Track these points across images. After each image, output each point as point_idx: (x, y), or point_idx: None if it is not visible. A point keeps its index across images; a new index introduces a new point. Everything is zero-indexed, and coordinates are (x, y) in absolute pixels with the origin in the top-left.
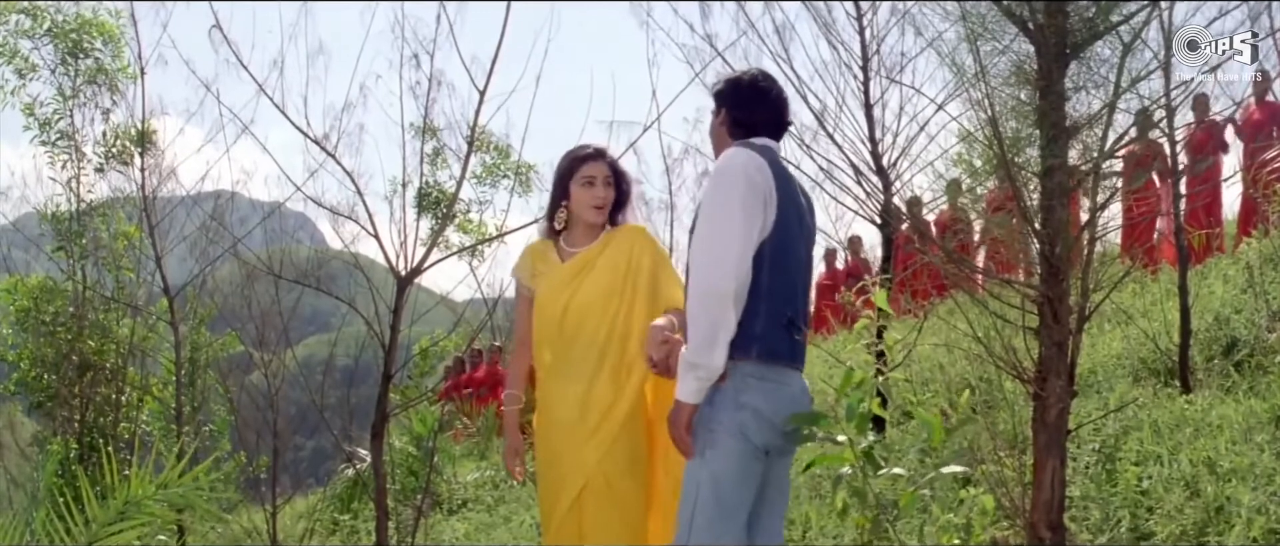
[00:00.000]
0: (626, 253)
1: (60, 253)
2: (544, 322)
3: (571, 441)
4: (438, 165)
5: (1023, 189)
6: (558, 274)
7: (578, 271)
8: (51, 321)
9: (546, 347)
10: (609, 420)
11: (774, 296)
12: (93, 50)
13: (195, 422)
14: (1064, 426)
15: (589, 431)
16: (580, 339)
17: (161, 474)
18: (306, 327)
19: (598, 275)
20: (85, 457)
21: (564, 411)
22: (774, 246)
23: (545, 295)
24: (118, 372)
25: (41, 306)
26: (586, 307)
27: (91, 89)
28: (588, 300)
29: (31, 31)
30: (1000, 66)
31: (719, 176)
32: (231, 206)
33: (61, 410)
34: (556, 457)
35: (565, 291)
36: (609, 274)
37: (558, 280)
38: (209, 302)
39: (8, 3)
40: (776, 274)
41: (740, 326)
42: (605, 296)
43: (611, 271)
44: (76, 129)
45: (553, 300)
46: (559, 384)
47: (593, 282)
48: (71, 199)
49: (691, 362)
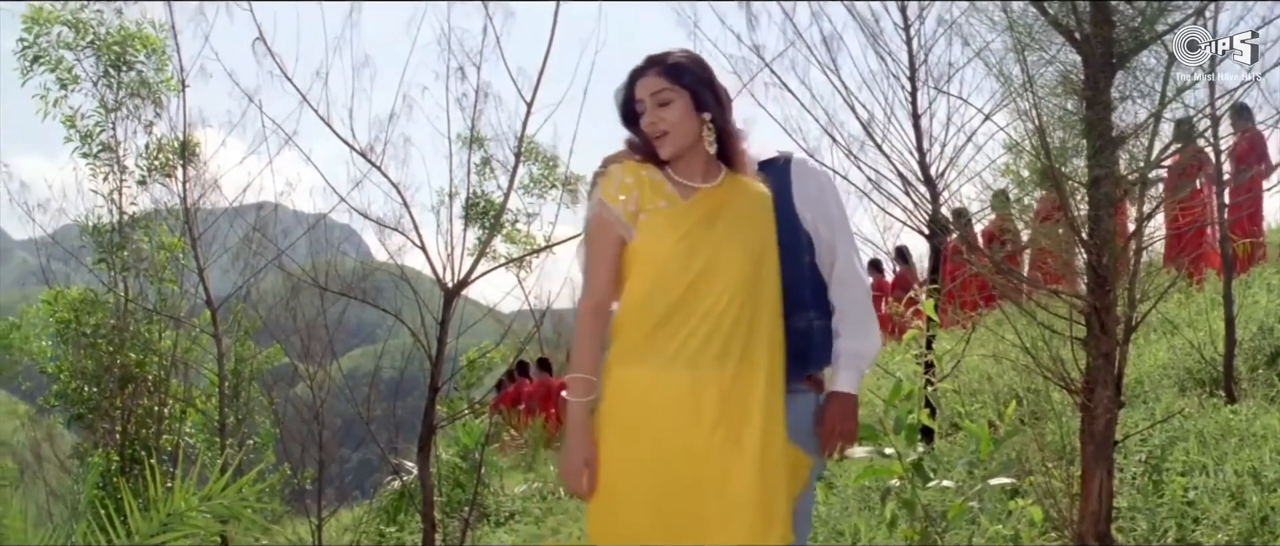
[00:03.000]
0: (760, 207)
1: (101, 265)
2: (662, 283)
3: (696, 447)
4: (485, 176)
5: (1070, 199)
6: (685, 216)
7: (710, 215)
8: (92, 333)
9: (650, 318)
10: (749, 416)
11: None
12: (136, 63)
13: (239, 435)
14: (1111, 437)
15: (727, 431)
16: (711, 310)
17: (205, 486)
18: (351, 340)
19: (739, 224)
20: (127, 470)
21: (671, 409)
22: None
23: (671, 245)
24: (160, 385)
25: (82, 319)
26: (728, 268)
27: (134, 101)
28: (732, 257)
29: (74, 43)
30: (1047, 76)
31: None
32: (275, 218)
33: (102, 422)
34: (665, 464)
35: (697, 244)
36: (751, 234)
37: (686, 224)
38: (253, 315)
39: (51, 6)
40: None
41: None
42: (746, 260)
43: (753, 230)
44: (118, 141)
45: (685, 252)
46: (663, 370)
47: (736, 233)
48: (113, 211)
49: (861, 352)
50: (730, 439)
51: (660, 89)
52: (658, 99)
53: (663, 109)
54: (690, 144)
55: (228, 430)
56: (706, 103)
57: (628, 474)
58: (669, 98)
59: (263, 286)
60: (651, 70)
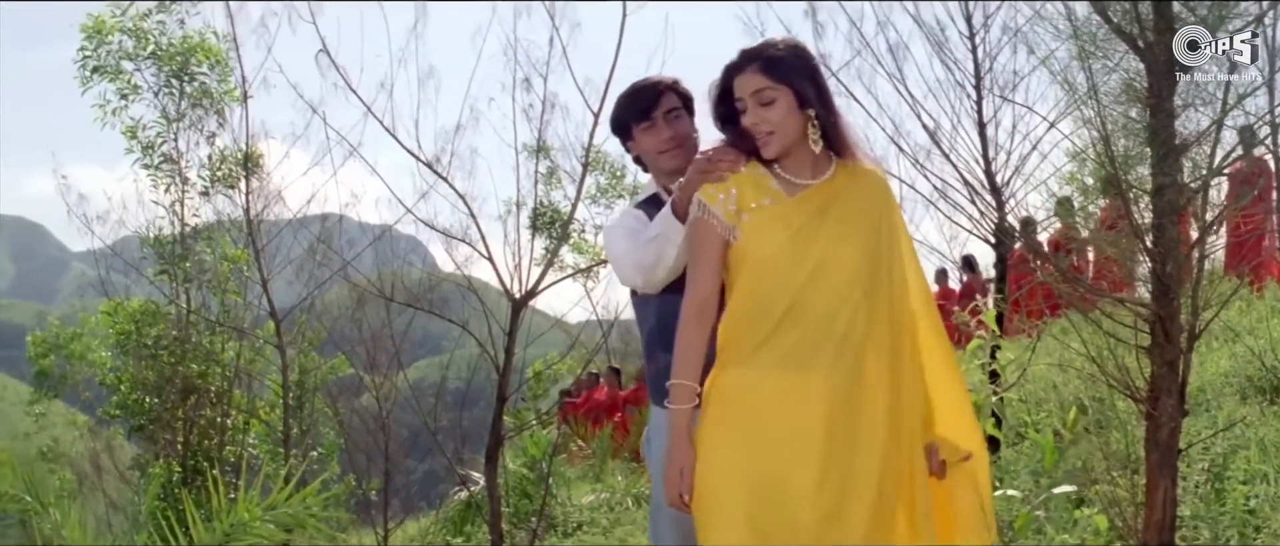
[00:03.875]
0: (880, 202)
1: (163, 276)
2: (770, 285)
3: (796, 454)
4: (552, 186)
5: (1134, 207)
6: (792, 215)
7: (819, 212)
8: (154, 345)
9: (761, 321)
10: (868, 430)
11: None
12: (198, 73)
13: (303, 446)
14: (1175, 446)
15: (836, 450)
16: (823, 312)
17: (269, 496)
18: (417, 351)
19: (853, 226)
20: (189, 481)
21: (778, 410)
22: None
23: (778, 245)
24: (223, 396)
25: (143, 330)
26: (840, 268)
27: (196, 112)
28: (844, 257)
29: (134, 54)
30: (1111, 84)
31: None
32: (340, 229)
33: (164, 433)
34: (761, 472)
35: (808, 242)
36: (866, 227)
37: (795, 222)
38: (317, 326)
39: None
40: None
41: None
42: (861, 258)
43: (868, 223)
44: (180, 152)
45: (788, 253)
46: (772, 371)
47: (850, 237)
48: (175, 223)
49: None
50: (838, 464)
51: (762, 87)
52: (760, 98)
53: (766, 108)
54: (796, 142)
55: (292, 441)
56: (809, 98)
57: (724, 481)
58: (772, 96)
59: (327, 298)
60: (750, 66)
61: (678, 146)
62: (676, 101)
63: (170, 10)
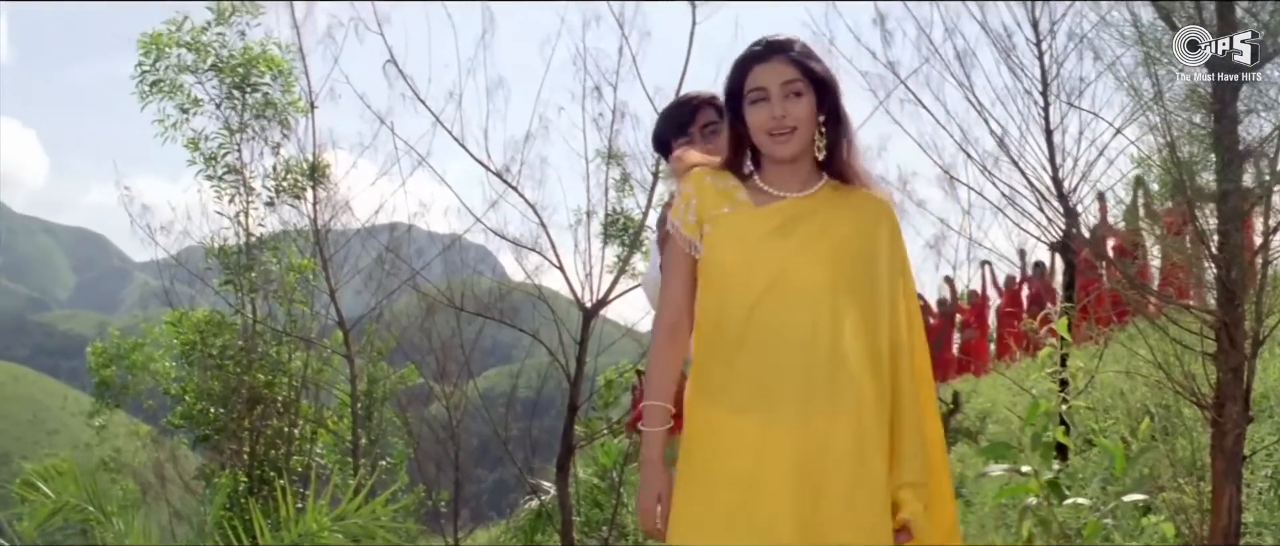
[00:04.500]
0: (870, 224)
1: (228, 286)
2: (726, 300)
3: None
4: (623, 193)
5: (1199, 212)
6: (754, 224)
7: (790, 228)
8: (219, 355)
9: (720, 344)
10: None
11: None
12: (261, 84)
13: (372, 456)
14: (1240, 452)
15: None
16: (788, 342)
17: (338, 507)
18: (487, 360)
19: (827, 242)
20: (255, 491)
21: (738, 458)
22: None
23: (734, 255)
24: (290, 406)
25: (208, 340)
26: (803, 286)
27: (260, 123)
28: (808, 277)
29: (195, 67)
30: (1175, 89)
31: None
32: (408, 239)
33: (229, 443)
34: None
35: (771, 256)
36: (843, 245)
37: (755, 235)
38: (386, 335)
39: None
40: None
41: None
42: (835, 279)
43: (848, 243)
44: (244, 163)
45: (748, 266)
46: (732, 413)
47: (819, 252)
48: (239, 233)
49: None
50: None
51: (793, 78)
52: (790, 88)
53: (793, 101)
54: (804, 150)
55: (360, 451)
56: (829, 103)
57: (695, 522)
58: (800, 89)
59: (396, 307)
60: (778, 56)
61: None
62: (714, 116)
63: (230, 23)
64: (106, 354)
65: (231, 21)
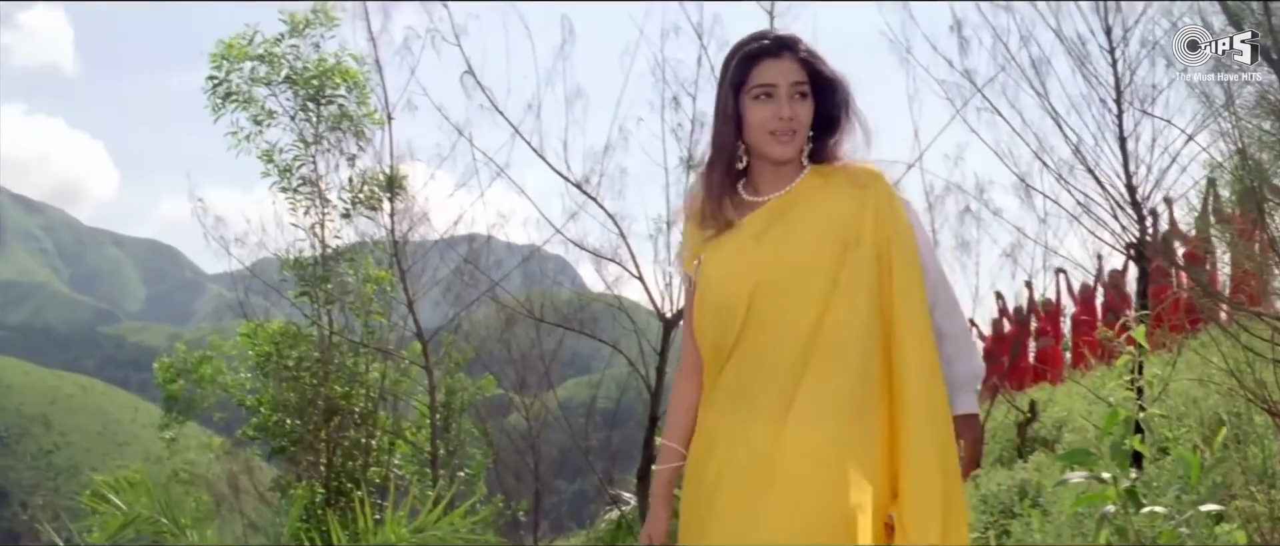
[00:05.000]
0: (850, 201)
1: (304, 298)
2: (713, 316)
3: (746, 513)
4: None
5: (1269, 219)
6: (737, 236)
7: (765, 230)
8: (295, 366)
9: (715, 358)
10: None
11: None
12: (336, 96)
13: (450, 467)
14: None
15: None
16: (769, 342)
17: (417, 518)
18: (566, 370)
19: (800, 233)
20: (332, 502)
21: (735, 466)
22: None
23: (715, 271)
24: (368, 417)
25: (284, 352)
26: (783, 286)
27: (335, 135)
28: (785, 274)
29: (268, 78)
30: (1245, 96)
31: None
32: (487, 250)
33: (306, 455)
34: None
35: (748, 262)
36: (818, 232)
37: (733, 246)
38: (464, 346)
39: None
40: None
41: None
42: (811, 269)
43: (823, 227)
44: (319, 175)
45: (728, 277)
46: (731, 418)
47: (793, 246)
48: (315, 245)
49: (974, 374)
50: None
51: (801, 79)
52: (798, 89)
53: (799, 101)
54: (800, 151)
55: (439, 462)
56: (839, 101)
57: (686, 525)
58: (806, 92)
59: (475, 318)
60: (788, 53)
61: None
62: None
63: (304, 35)
64: (173, 368)
65: (305, 34)
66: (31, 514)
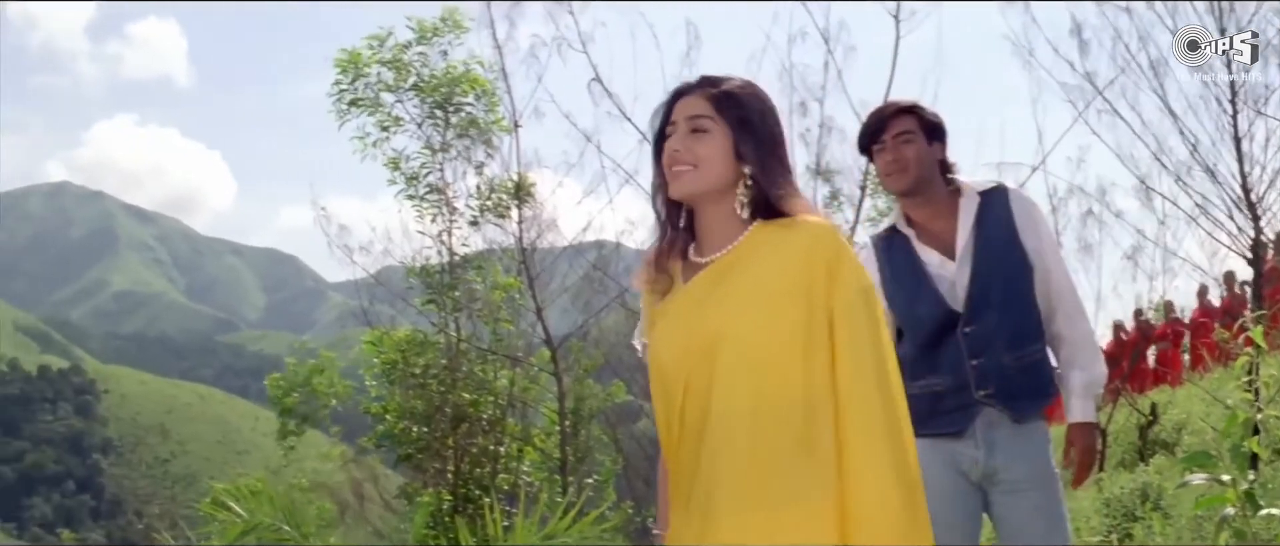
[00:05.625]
0: (796, 260)
1: (430, 305)
2: (658, 392)
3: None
4: (831, 209)
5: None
6: (679, 302)
7: (706, 294)
8: (422, 374)
9: (666, 440)
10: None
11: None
12: (464, 104)
13: (579, 473)
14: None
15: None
16: (705, 421)
17: (547, 525)
18: None
19: (738, 298)
20: (460, 509)
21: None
22: None
23: (656, 342)
24: (496, 424)
25: (411, 359)
26: (718, 358)
27: (463, 143)
28: (718, 344)
29: (395, 86)
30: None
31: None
32: (617, 256)
33: (433, 462)
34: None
35: (686, 331)
36: (759, 297)
37: (675, 313)
38: (594, 352)
39: (369, 48)
40: None
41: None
42: (747, 339)
43: (765, 291)
44: (447, 183)
45: (665, 349)
46: (679, 515)
47: (728, 313)
48: (442, 252)
49: (1095, 380)
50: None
51: (699, 114)
52: (693, 124)
53: (695, 136)
54: (714, 192)
55: (568, 468)
56: (747, 151)
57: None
58: (707, 126)
59: (604, 324)
60: (697, 91)
61: (900, 170)
62: (911, 125)
63: (431, 42)
64: (285, 383)
65: (433, 41)
66: (147, 522)
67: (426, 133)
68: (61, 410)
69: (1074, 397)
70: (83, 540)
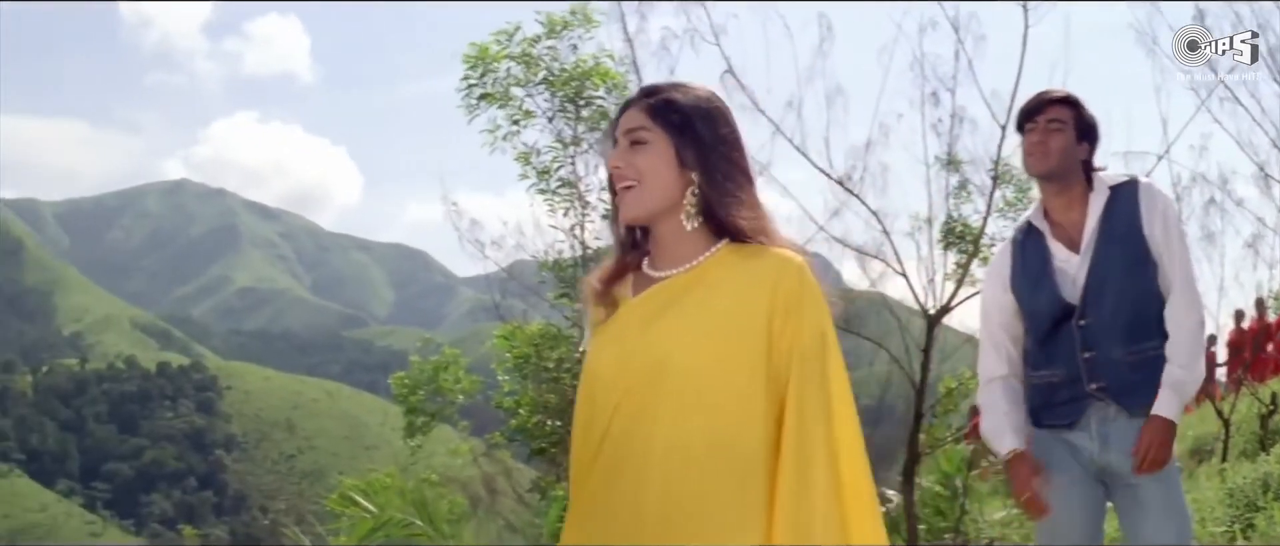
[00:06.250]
0: (759, 294)
1: (563, 299)
2: (588, 411)
3: None
4: (961, 199)
5: None
6: (626, 317)
7: (655, 316)
8: (555, 367)
9: (576, 468)
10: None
11: None
12: (595, 98)
13: None
14: None
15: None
16: (628, 461)
17: None
18: None
19: (691, 328)
20: None
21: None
22: None
23: (591, 363)
24: None
25: (544, 353)
26: (655, 393)
27: (594, 136)
28: (660, 377)
29: (525, 80)
30: None
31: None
32: None
33: (566, 456)
34: None
35: (624, 356)
36: (715, 331)
37: (615, 333)
38: None
39: (497, 43)
40: None
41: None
42: (693, 376)
43: (722, 325)
44: (579, 177)
45: (599, 374)
46: (577, 531)
47: (677, 344)
48: (574, 246)
49: (1189, 381)
50: None
51: (637, 126)
52: (632, 136)
53: (634, 150)
54: (666, 208)
55: None
56: (688, 157)
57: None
58: (644, 138)
59: None
60: (637, 103)
61: (1042, 155)
62: (1065, 116)
63: (561, 36)
64: (411, 380)
65: (563, 35)
66: (273, 518)
67: (557, 126)
68: (182, 407)
69: (1163, 389)
70: (205, 536)
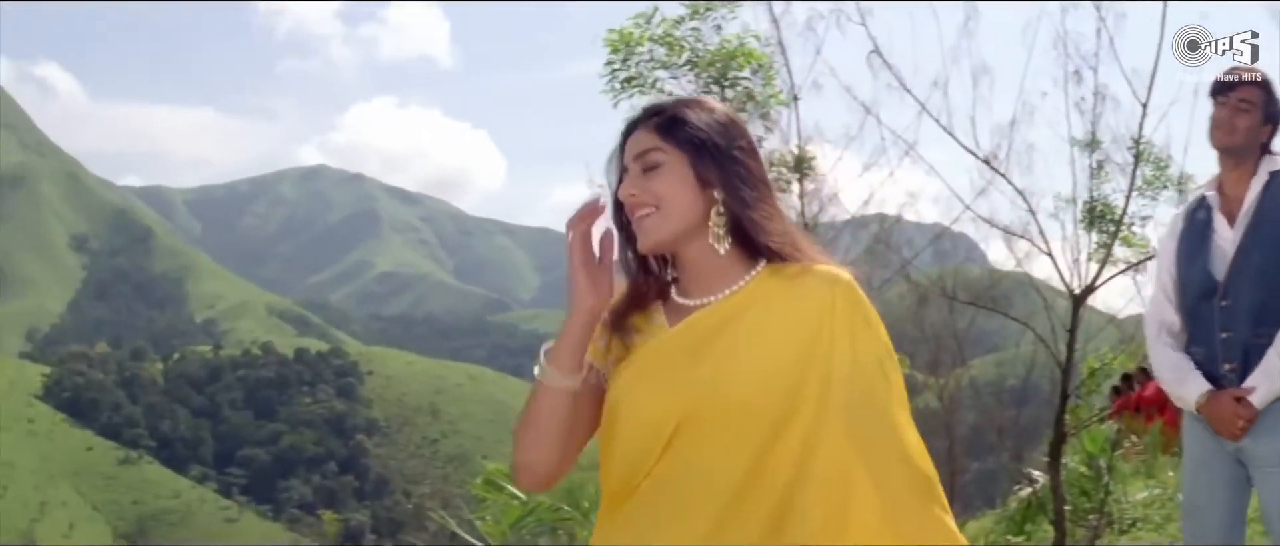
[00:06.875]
0: (811, 319)
1: None
2: (624, 450)
3: None
4: (1101, 178)
5: None
6: (659, 348)
7: (702, 344)
8: None
9: (616, 493)
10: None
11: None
12: (740, 79)
13: None
14: None
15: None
16: (680, 492)
17: None
18: (972, 349)
19: (748, 357)
20: None
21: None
22: None
23: (632, 393)
24: None
25: None
26: (716, 425)
27: (740, 117)
28: (721, 410)
29: (668, 62)
30: None
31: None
32: (897, 229)
33: None
34: None
35: (676, 386)
36: (771, 359)
37: (656, 362)
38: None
39: (638, 26)
40: None
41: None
42: (755, 408)
43: (778, 353)
44: None
45: (648, 404)
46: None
47: (736, 373)
48: None
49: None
50: None
51: (648, 148)
52: (644, 162)
53: (648, 175)
54: (688, 231)
55: None
56: (709, 173)
57: None
58: (658, 160)
59: (886, 297)
60: (642, 124)
61: (1227, 131)
62: (1255, 98)
63: (704, 17)
64: None
65: (706, 16)
66: (417, 502)
67: None
68: (321, 392)
69: (1259, 368)
70: (346, 520)
